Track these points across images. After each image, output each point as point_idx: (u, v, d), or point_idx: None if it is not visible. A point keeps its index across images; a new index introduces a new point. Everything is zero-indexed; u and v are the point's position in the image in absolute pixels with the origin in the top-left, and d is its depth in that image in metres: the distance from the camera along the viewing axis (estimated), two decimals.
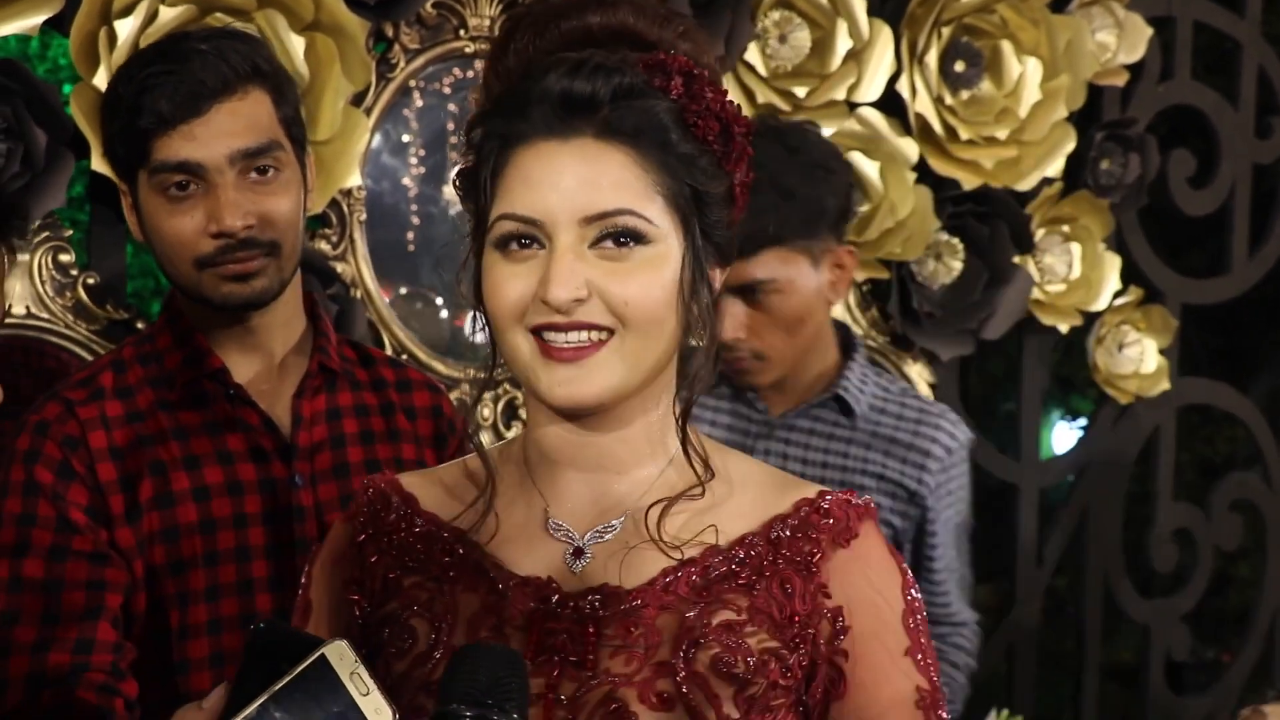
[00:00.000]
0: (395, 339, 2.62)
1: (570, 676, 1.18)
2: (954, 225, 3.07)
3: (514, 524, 1.26)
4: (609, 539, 1.24)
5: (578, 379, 1.17)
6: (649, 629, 1.20)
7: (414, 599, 1.24)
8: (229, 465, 1.78)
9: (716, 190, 1.22)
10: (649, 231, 1.18)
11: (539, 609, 1.21)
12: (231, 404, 1.80)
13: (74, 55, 2.27)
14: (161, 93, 1.70)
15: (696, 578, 1.21)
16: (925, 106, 2.98)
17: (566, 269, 1.15)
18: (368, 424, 1.89)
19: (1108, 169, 3.23)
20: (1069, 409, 5.33)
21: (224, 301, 1.76)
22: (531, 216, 1.17)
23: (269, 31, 2.34)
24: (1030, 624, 3.33)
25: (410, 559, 1.26)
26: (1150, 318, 3.35)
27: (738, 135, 1.23)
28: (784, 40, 2.87)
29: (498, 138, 1.20)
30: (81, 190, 2.82)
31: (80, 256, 2.37)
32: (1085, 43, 3.14)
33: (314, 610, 1.31)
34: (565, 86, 1.17)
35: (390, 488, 1.31)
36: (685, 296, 1.19)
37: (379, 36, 2.58)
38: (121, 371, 1.81)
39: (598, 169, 1.17)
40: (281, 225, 1.76)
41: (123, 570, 1.72)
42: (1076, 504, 3.41)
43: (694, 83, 1.20)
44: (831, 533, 1.23)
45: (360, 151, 2.51)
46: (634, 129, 1.17)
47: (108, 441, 1.74)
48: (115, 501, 1.72)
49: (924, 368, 3.12)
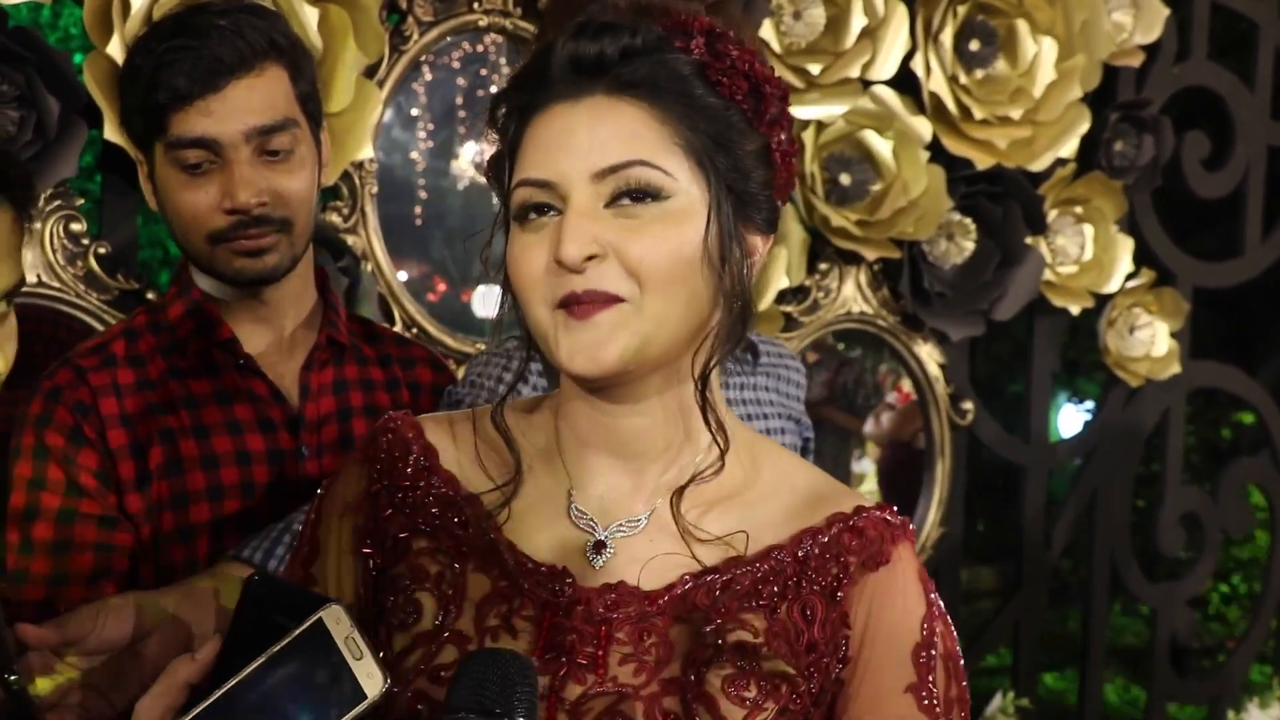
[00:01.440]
0: (405, 312, 2.61)
1: (577, 679, 1.16)
2: (966, 205, 3.06)
3: (536, 498, 1.23)
4: (632, 534, 1.21)
5: (594, 344, 1.13)
6: (662, 640, 1.17)
7: (422, 569, 1.21)
8: (238, 435, 1.79)
9: (749, 147, 1.18)
10: (665, 184, 1.14)
11: (551, 602, 1.18)
12: (241, 374, 1.81)
13: (87, 24, 2.26)
14: (179, 68, 1.70)
15: (718, 590, 1.18)
16: (939, 85, 2.96)
17: (576, 226, 1.12)
18: (373, 398, 1.90)
19: (1121, 150, 3.21)
20: (1077, 391, 5.32)
21: (236, 276, 1.77)
22: (544, 178, 1.15)
23: (284, 2, 2.32)
24: (1037, 606, 3.33)
25: (423, 521, 1.23)
26: (1162, 300, 3.34)
27: (771, 95, 1.19)
28: (799, 17, 2.86)
29: (515, 111, 1.19)
30: (93, 160, 2.82)
31: (91, 226, 2.37)
32: (1101, 22, 3.12)
33: (322, 553, 1.27)
34: (573, 49, 1.16)
35: (412, 435, 1.26)
36: (712, 255, 1.15)
37: (392, 8, 2.57)
38: (134, 340, 1.81)
39: (609, 124, 1.15)
40: (294, 203, 1.76)
41: (131, 535, 1.73)
42: (1084, 486, 3.40)
43: (717, 41, 1.17)
44: (862, 555, 1.20)
45: (373, 124, 2.50)
46: (647, 81, 1.15)
47: (119, 408, 1.75)
48: (125, 467, 1.73)
49: (934, 348, 3.11)
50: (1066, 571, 3.77)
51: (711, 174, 1.16)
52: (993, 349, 4.19)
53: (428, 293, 2.85)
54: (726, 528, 1.20)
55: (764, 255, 1.22)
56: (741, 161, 1.18)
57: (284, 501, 1.78)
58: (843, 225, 2.92)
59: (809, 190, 2.91)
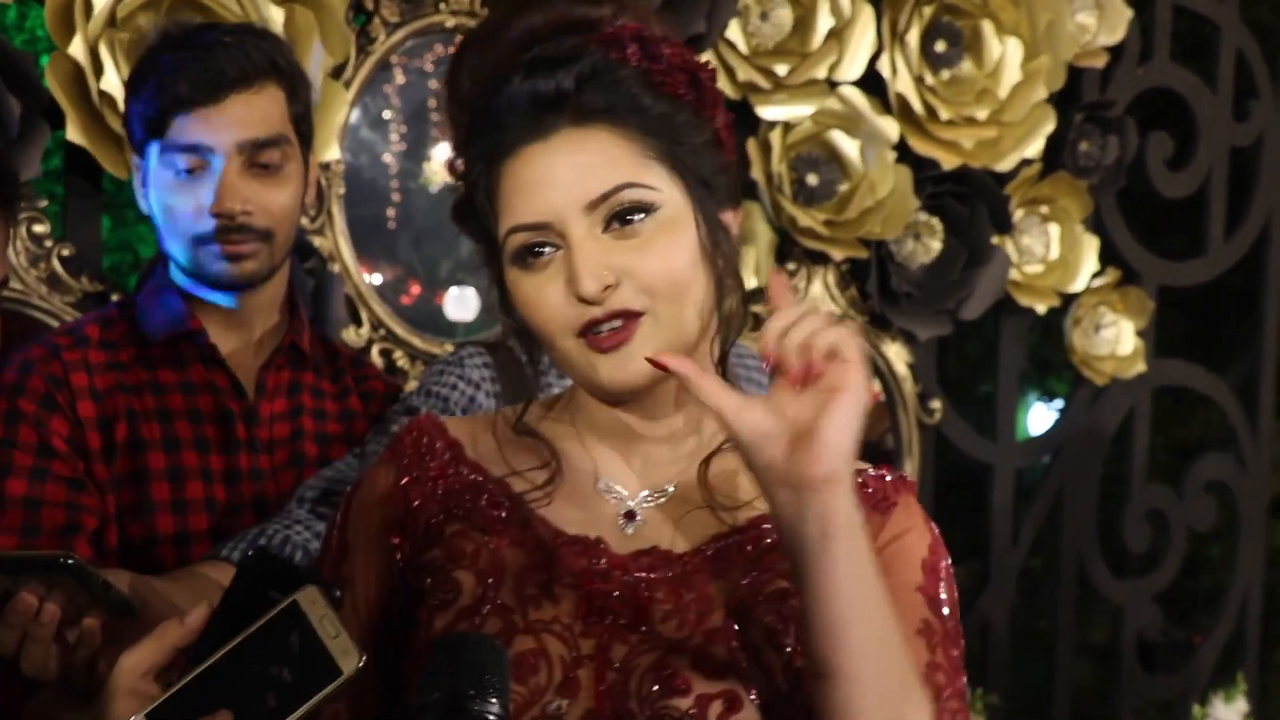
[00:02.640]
0: (373, 313, 2.61)
1: (621, 639, 1.18)
2: (933, 205, 3.07)
3: (563, 481, 1.26)
4: (661, 503, 1.24)
5: (625, 363, 1.18)
6: (701, 595, 1.19)
7: (458, 550, 1.23)
8: (198, 422, 1.88)
9: (702, 139, 1.22)
10: (654, 198, 1.18)
11: (589, 569, 1.20)
12: (206, 366, 1.90)
13: (49, 24, 2.25)
14: (183, 75, 1.79)
15: (750, 547, 1.22)
16: (906, 86, 2.98)
17: (589, 259, 1.16)
18: (321, 404, 1.99)
19: (1086, 150, 3.24)
20: (1045, 390, 5.34)
21: (216, 279, 1.86)
22: (538, 221, 1.18)
23: (247, 2, 2.32)
24: (1005, 604, 3.35)
25: (456, 506, 1.26)
26: (1127, 299, 3.36)
27: (706, 81, 1.23)
28: (765, 18, 2.87)
29: (481, 159, 1.21)
30: (58, 163, 2.80)
31: (55, 228, 2.36)
32: (1065, 24, 3.14)
33: (351, 550, 1.29)
34: (530, 87, 1.18)
35: (436, 432, 1.30)
36: (709, 253, 1.20)
37: (358, 9, 2.57)
38: (108, 327, 1.90)
39: (586, 154, 1.18)
40: (278, 215, 1.85)
41: (97, 499, 1.80)
42: (1052, 485, 3.42)
43: (649, 44, 1.20)
44: (871, 501, 1.24)
45: (339, 124, 2.50)
46: (607, 105, 1.18)
47: (89, 383, 1.83)
48: (93, 437, 1.81)
49: (902, 347, 3.13)
50: (1035, 569, 3.78)
51: (686, 175, 1.20)
52: (961, 348, 4.21)
53: (401, 295, 2.85)
54: (749, 492, 1.24)
55: (738, 227, 1.26)
56: (701, 153, 1.22)
57: (238, 487, 1.87)
58: (810, 225, 2.93)
59: (776, 190, 2.92)
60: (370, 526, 1.29)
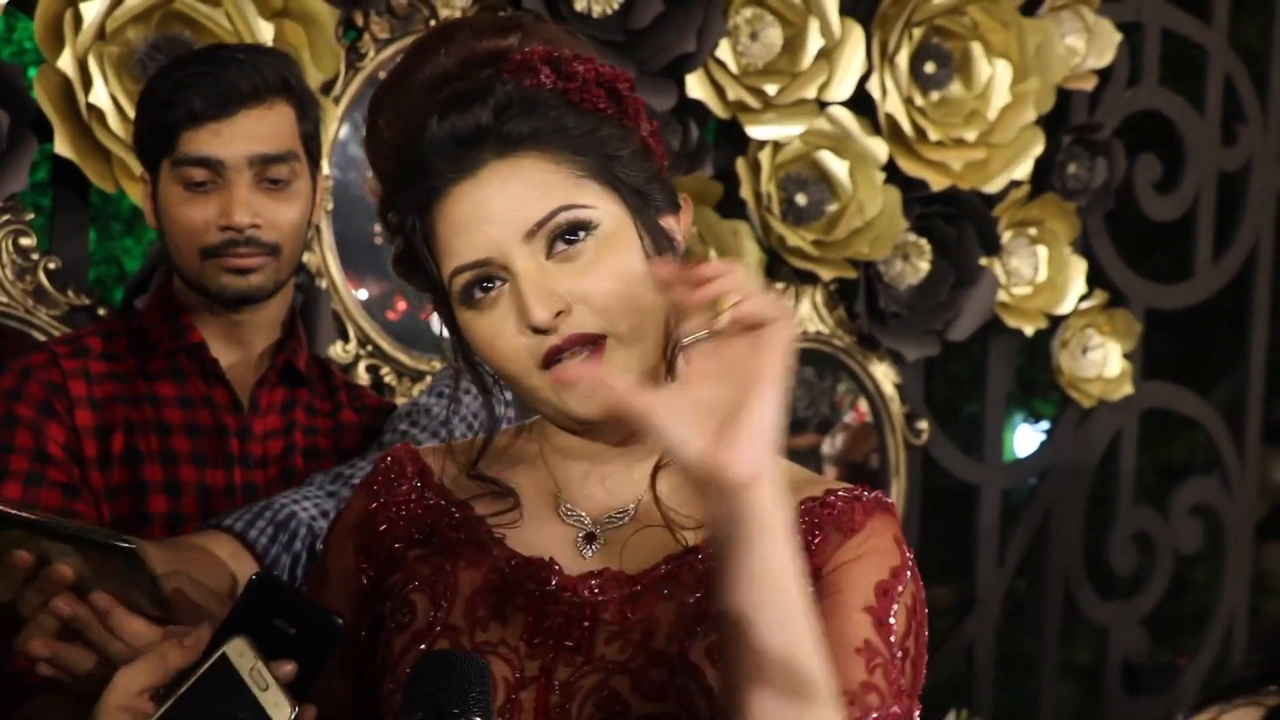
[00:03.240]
0: (360, 329, 2.61)
1: (565, 661, 1.18)
2: (921, 226, 3.08)
3: (525, 507, 1.26)
4: (621, 525, 1.24)
5: (596, 390, 1.15)
6: (647, 616, 1.19)
7: (416, 573, 1.24)
8: (195, 437, 1.88)
9: (630, 149, 1.21)
10: (591, 216, 1.17)
11: (539, 591, 1.20)
12: (206, 381, 1.91)
13: (38, 37, 2.25)
14: (196, 91, 1.81)
15: (700, 566, 1.20)
16: (895, 107, 2.99)
17: (536, 288, 1.15)
18: (313, 421, 1.99)
19: (1075, 173, 3.25)
20: (1032, 412, 5.35)
21: (220, 291, 1.86)
22: (479, 259, 1.17)
23: (237, 18, 2.32)
24: (990, 625, 3.35)
25: (417, 530, 1.26)
26: (1114, 321, 3.37)
27: (625, 91, 1.22)
28: (755, 37, 2.87)
29: (413, 208, 1.20)
30: (45, 175, 2.79)
31: (42, 241, 2.35)
32: (1055, 46, 3.16)
33: (328, 578, 1.31)
34: (449, 127, 1.17)
35: (408, 459, 1.31)
36: (654, 258, 1.18)
37: (348, 25, 2.56)
38: (110, 339, 1.91)
39: (516, 183, 1.17)
40: (285, 231, 1.86)
41: (91, 507, 1.81)
42: (1038, 506, 3.42)
43: (561, 65, 1.20)
44: (834, 522, 1.21)
45: (328, 140, 2.49)
46: (530, 131, 1.17)
47: (87, 391, 1.84)
48: (89, 445, 1.82)
49: (889, 368, 3.13)
50: (1020, 590, 3.78)
51: (619, 188, 1.19)
52: (948, 369, 4.21)
53: (388, 310, 2.84)
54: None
55: (684, 231, 1.25)
56: (631, 164, 1.21)
57: (232, 503, 1.86)
58: (799, 245, 2.93)
59: (765, 210, 2.93)
60: (345, 554, 1.30)
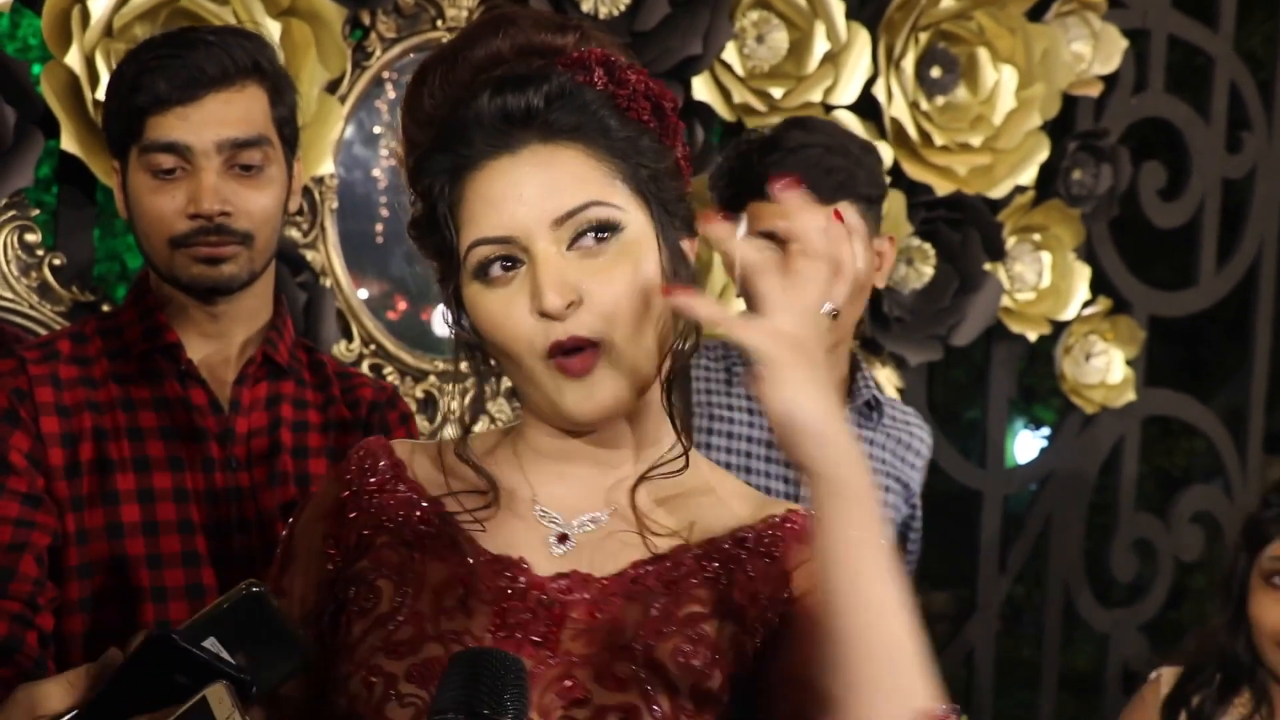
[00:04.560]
0: (364, 328, 2.60)
1: (529, 654, 1.17)
2: (926, 230, 3.07)
3: (500, 508, 1.26)
4: (594, 529, 1.25)
5: (592, 393, 1.18)
6: (614, 615, 1.19)
7: (384, 560, 1.24)
8: (172, 441, 1.82)
9: (664, 165, 1.23)
10: (619, 218, 1.18)
11: (506, 587, 1.21)
12: (182, 382, 1.84)
13: (45, 34, 2.25)
14: (162, 74, 1.75)
15: (667, 573, 1.22)
16: (900, 111, 2.99)
17: (553, 274, 1.16)
18: (304, 415, 1.93)
19: (1080, 179, 3.24)
20: (1033, 418, 5.36)
21: (192, 282, 1.80)
22: (504, 235, 1.17)
23: (244, 15, 2.32)
24: (990, 631, 3.34)
25: (387, 519, 1.26)
26: (1118, 328, 3.37)
27: (669, 110, 1.24)
28: (761, 41, 2.87)
29: (445, 172, 1.20)
30: (50, 171, 2.79)
31: (47, 237, 2.35)
32: (1061, 52, 3.15)
33: (295, 560, 1.30)
34: (499, 104, 1.18)
35: (381, 451, 1.31)
36: (668, 274, 1.19)
37: (355, 24, 2.56)
38: (80, 342, 1.85)
39: (554, 171, 1.17)
40: (258, 218, 1.80)
41: (53, 516, 1.75)
42: (1039, 512, 3.42)
43: (615, 70, 1.21)
44: (797, 536, 1.24)
45: (334, 139, 2.50)
46: (575, 125, 1.18)
47: (55, 398, 1.78)
48: (55, 454, 1.76)
49: (892, 372, 3.12)
50: (1020, 597, 3.79)
51: (649, 199, 1.21)
52: (951, 374, 4.22)
53: (388, 310, 2.84)
54: (678, 521, 1.25)
55: (693, 257, 1.26)
56: (663, 179, 1.22)
57: (215, 509, 1.83)
58: None
59: None
60: (313, 539, 1.29)
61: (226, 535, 1.83)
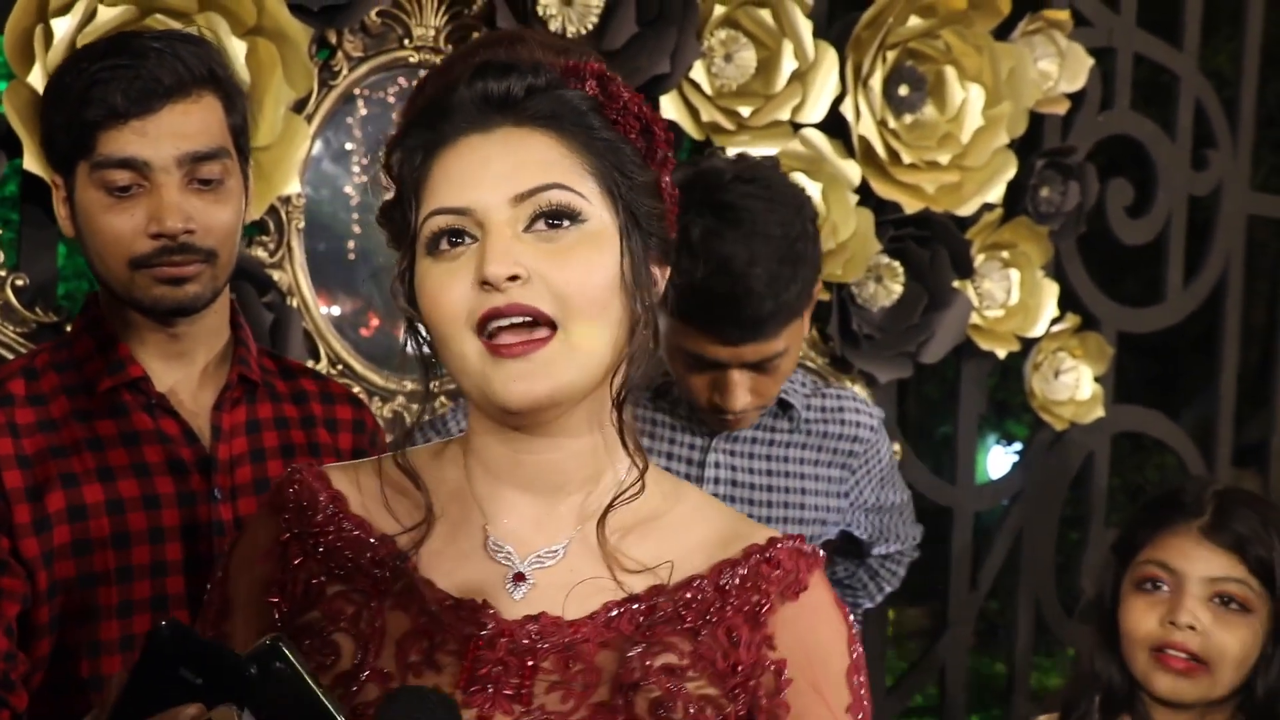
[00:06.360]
0: (331, 348, 2.59)
1: (504, 709, 1.14)
2: (894, 248, 3.08)
3: (450, 536, 1.22)
4: (552, 564, 1.20)
5: (529, 374, 1.13)
6: (589, 666, 1.16)
7: (339, 611, 1.19)
8: (145, 478, 1.73)
9: (644, 179, 1.21)
10: (582, 207, 1.15)
11: (474, 635, 1.16)
12: (152, 414, 1.76)
13: (8, 53, 2.23)
14: (115, 86, 1.66)
15: (641, 617, 1.18)
16: (868, 129, 2.99)
17: (499, 246, 1.13)
18: (288, 437, 1.86)
19: (1047, 196, 3.26)
20: (1004, 434, 5.37)
21: (154, 304, 1.72)
22: (460, 206, 1.15)
23: (209, 35, 2.30)
24: (962, 646, 3.34)
25: (337, 565, 1.21)
26: (1086, 345, 3.38)
27: (659, 137, 1.22)
28: (729, 59, 2.88)
29: (419, 149, 1.19)
30: (14, 190, 2.77)
31: (9, 257, 2.33)
32: (1028, 71, 3.17)
33: (232, 608, 1.25)
34: (480, 86, 1.17)
35: (319, 484, 1.25)
36: (628, 282, 1.16)
37: (322, 43, 2.55)
38: (34, 379, 1.75)
39: (523, 152, 1.16)
40: (221, 234, 1.73)
41: (21, 580, 1.65)
42: (1010, 528, 3.43)
43: (609, 84, 1.20)
44: (781, 585, 1.21)
45: (300, 159, 2.48)
46: (553, 114, 1.17)
47: (15, 449, 1.68)
48: (20, 510, 1.67)
49: (862, 389, 3.13)
50: (993, 612, 3.79)
51: (619, 199, 1.18)
52: (921, 391, 4.23)
53: (361, 328, 2.83)
54: (646, 553, 1.21)
55: (662, 285, 1.24)
56: (638, 191, 1.20)
57: (195, 546, 1.74)
58: None
59: None
60: (251, 584, 1.24)
61: (207, 573, 1.70)
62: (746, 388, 2.08)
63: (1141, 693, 1.90)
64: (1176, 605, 1.85)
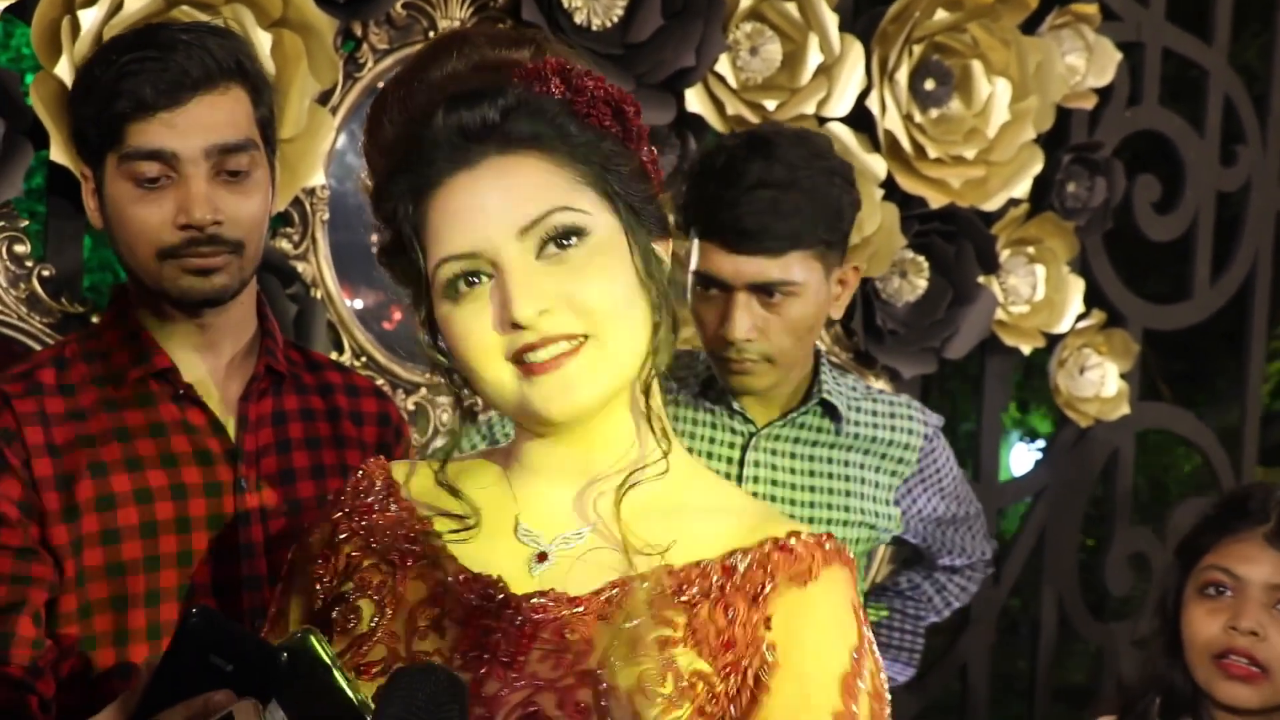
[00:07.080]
0: (355, 340, 2.60)
1: (497, 676, 1.17)
2: (919, 243, 3.07)
3: (484, 527, 1.25)
4: (574, 545, 1.23)
5: (566, 387, 1.16)
6: (584, 637, 1.18)
7: (366, 580, 1.24)
8: (173, 467, 1.74)
9: (629, 167, 1.22)
10: (585, 222, 1.17)
11: (480, 606, 1.20)
12: (179, 405, 1.77)
13: (35, 44, 2.24)
14: (144, 78, 1.67)
15: (643, 594, 1.19)
16: (894, 123, 2.98)
17: (523, 283, 1.15)
18: (314, 429, 1.87)
19: (1074, 192, 3.24)
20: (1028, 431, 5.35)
21: (182, 295, 1.73)
22: (469, 250, 1.17)
23: (235, 27, 2.31)
24: (984, 644, 3.33)
25: (375, 540, 1.26)
26: (1112, 341, 3.36)
27: (630, 114, 1.23)
28: (755, 53, 2.87)
29: (407, 194, 1.20)
30: (41, 182, 2.78)
31: (36, 248, 2.34)
32: (1055, 65, 3.15)
33: (295, 581, 1.31)
34: (455, 120, 1.17)
35: (378, 471, 1.31)
36: (641, 275, 1.19)
37: (347, 35, 2.56)
38: (64, 369, 1.76)
39: (514, 180, 1.17)
40: (248, 225, 1.74)
41: (50, 567, 1.67)
42: (1034, 525, 3.41)
43: (572, 78, 1.20)
44: (789, 570, 1.20)
45: (325, 150, 2.49)
46: (533, 133, 1.18)
47: (45, 438, 1.70)
48: (50, 498, 1.68)
49: (885, 385, 3.12)
50: (1015, 610, 3.78)
51: (616, 200, 1.20)
52: (945, 387, 4.21)
53: (383, 321, 2.83)
54: (662, 536, 1.22)
55: (668, 260, 1.25)
56: (629, 182, 1.22)
57: (221, 536, 1.75)
58: None
59: None
60: (311, 561, 1.29)
61: (234, 562, 1.76)
62: (749, 316, 2.07)
63: (1205, 698, 1.89)
64: (1239, 611, 1.85)
